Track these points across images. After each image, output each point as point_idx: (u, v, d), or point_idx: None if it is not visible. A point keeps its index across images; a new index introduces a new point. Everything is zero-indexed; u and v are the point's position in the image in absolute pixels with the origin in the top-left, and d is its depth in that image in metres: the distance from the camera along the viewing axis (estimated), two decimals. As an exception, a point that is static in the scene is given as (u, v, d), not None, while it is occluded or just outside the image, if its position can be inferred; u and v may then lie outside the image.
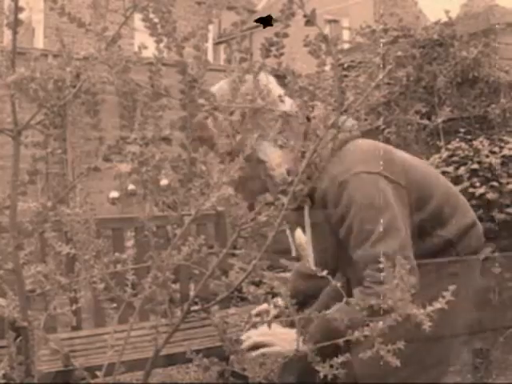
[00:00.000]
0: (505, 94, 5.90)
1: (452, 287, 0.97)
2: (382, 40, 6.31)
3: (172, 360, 2.45)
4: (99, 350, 2.58)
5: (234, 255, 1.03)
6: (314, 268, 1.80)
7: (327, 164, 1.12)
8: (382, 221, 1.61)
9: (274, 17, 0.93)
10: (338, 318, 1.15)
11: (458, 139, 4.95)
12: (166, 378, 3.16)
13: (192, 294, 2.99)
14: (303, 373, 1.80)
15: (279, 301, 1.17)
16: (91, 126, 6.14)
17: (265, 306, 2.14)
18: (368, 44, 6.48)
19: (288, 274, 2.46)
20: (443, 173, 4.36)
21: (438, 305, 0.95)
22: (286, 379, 1.86)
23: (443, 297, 0.97)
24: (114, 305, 1.17)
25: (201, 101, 0.97)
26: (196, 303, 1.07)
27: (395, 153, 1.80)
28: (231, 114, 1.00)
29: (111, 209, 6.18)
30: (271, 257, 1.05)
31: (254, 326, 1.38)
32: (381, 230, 1.61)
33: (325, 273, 1.21)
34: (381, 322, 1.02)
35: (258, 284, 1.09)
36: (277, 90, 1.64)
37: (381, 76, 1.00)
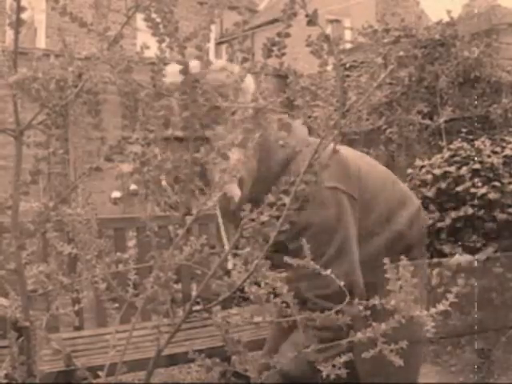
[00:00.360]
0: (506, 94, 5.91)
1: (455, 289, 0.96)
2: (383, 40, 6.32)
3: (174, 360, 2.46)
4: (101, 349, 2.58)
5: (236, 255, 1.03)
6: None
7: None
8: (334, 242, 1.59)
9: (275, 17, 0.93)
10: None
11: (459, 139, 4.95)
12: (168, 378, 3.17)
13: (194, 293, 2.99)
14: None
15: None
16: (93, 125, 6.15)
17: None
18: (370, 44, 6.49)
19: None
20: (445, 173, 4.37)
21: (441, 306, 0.94)
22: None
23: (446, 298, 0.97)
24: (116, 305, 1.17)
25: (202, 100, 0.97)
26: (198, 303, 1.07)
27: (350, 158, 1.74)
28: (233, 113, 1.00)
29: (113, 209, 6.20)
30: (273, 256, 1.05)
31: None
32: (332, 252, 1.58)
33: (328, 272, 1.20)
34: (383, 324, 1.01)
35: (260, 284, 1.08)
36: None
37: (383, 76, 1.00)
